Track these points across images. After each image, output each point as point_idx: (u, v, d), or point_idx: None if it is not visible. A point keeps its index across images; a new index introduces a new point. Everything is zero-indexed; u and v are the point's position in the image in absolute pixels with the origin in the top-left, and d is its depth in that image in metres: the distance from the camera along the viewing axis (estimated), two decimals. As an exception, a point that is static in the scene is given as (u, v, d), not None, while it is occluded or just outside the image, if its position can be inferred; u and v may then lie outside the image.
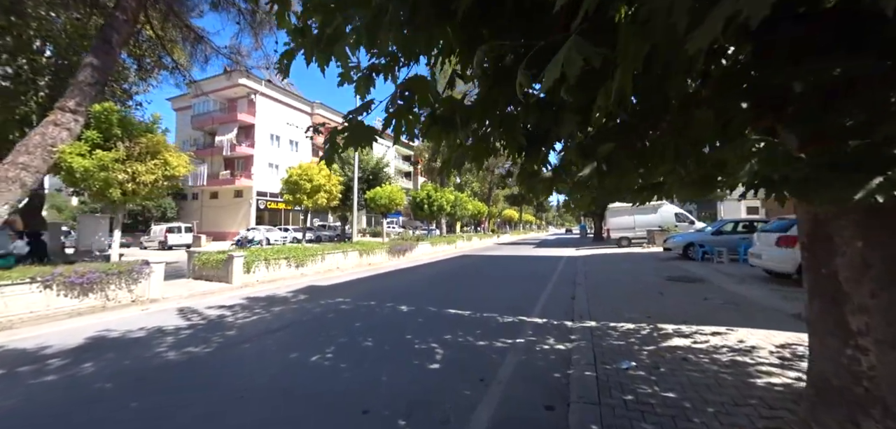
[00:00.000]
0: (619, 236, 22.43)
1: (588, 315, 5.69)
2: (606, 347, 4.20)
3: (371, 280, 10.91)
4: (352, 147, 1.95)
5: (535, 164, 2.51)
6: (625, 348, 4.12)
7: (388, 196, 19.53)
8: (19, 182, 7.22)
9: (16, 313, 6.10)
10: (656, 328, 4.87)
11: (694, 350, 3.98)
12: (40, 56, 11.18)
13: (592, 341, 4.37)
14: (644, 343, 4.27)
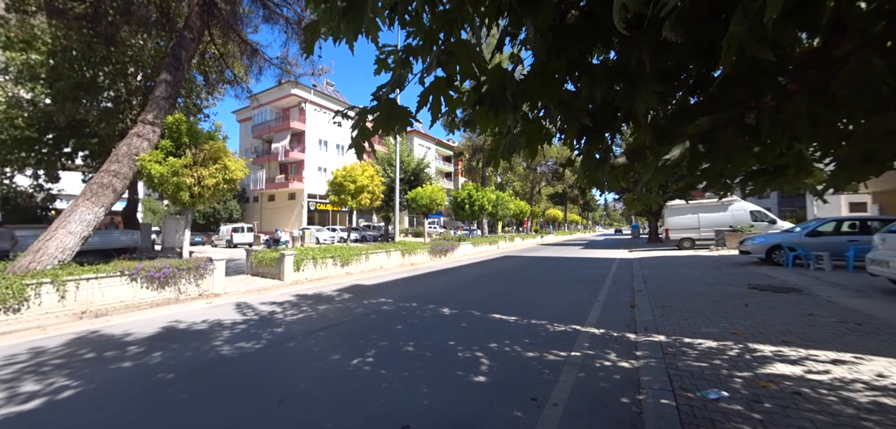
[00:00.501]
0: (680, 237, 20.06)
1: (654, 328, 4.99)
2: (684, 369, 3.57)
3: (413, 280, 10.87)
4: (385, 133, 1.71)
5: (598, 150, 2.08)
6: (709, 373, 3.45)
7: (429, 196, 19.57)
8: (112, 188, 8.17)
9: (110, 302, 6.88)
10: (747, 349, 4.06)
11: (810, 383, 3.17)
12: (133, 78, 12.75)
13: (665, 361, 3.76)
14: (734, 367, 3.55)
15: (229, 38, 12.29)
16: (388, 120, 1.66)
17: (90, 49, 10.75)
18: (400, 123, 1.69)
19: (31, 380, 3.78)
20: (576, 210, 77.17)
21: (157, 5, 11.35)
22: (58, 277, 6.33)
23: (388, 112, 1.66)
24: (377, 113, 1.65)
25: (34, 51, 10.46)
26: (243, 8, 12.00)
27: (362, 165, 16.45)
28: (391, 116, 1.66)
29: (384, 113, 1.65)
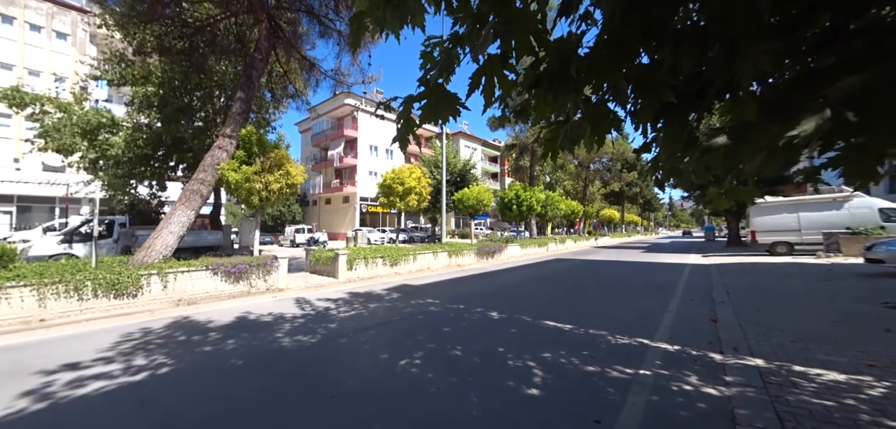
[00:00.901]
0: (772, 241, 16.72)
1: (747, 349, 4.33)
2: (798, 406, 2.92)
3: (460, 282, 10.83)
4: (432, 121, 1.63)
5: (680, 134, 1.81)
6: (840, 416, 2.75)
7: (475, 197, 19.44)
8: (199, 194, 9.34)
9: (199, 292, 7.84)
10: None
11: None
12: (218, 100, 14.51)
13: (768, 392, 3.14)
14: (884, 415, 2.75)
15: (291, 56, 13.41)
16: (436, 108, 1.58)
17: (187, 78, 12.48)
18: (448, 110, 1.61)
19: (141, 355, 4.41)
20: (634, 210, 71.20)
21: (235, 34, 12.79)
22: (162, 269, 7.38)
23: (436, 99, 1.58)
24: (424, 101, 1.58)
25: (150, 84, 12.42)
26: (303, 27, 13.01)
27: (410, 168, 16.88)
28: (439, 103, 1.58)
29: (432, 100, 1.58)
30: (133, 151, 12.76)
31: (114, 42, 12.73)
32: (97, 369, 4.03)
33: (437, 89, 1.60)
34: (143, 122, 13.54)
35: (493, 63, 1.56)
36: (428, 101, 1.59)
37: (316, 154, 42.11)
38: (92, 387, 3.58)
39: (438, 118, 1.63)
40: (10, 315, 5.75)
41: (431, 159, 25.16)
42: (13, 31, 23.63)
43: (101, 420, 3.03)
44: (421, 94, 1.61)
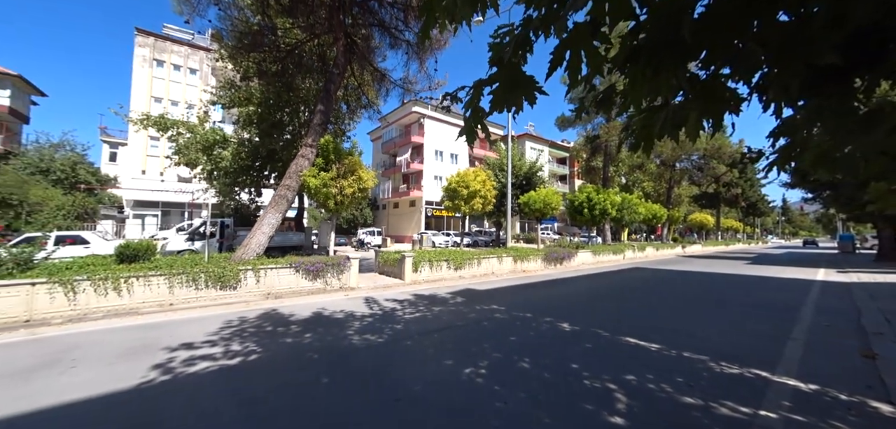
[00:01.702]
0: None
1: None
2: None
3: (526, 289, 10.30)
4: (505, 109, 1.42)
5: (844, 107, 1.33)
6: None
7: (542, 200, 18.48)
8: (285, 198, 10.48)
9: (284, 288, 8.77)
10: None
11: None
12: (303, 114, 16.33)
13: None
14: None
15: (364, 69, 14.38)
16: (511, 91, 1.37)
17: (279, 96, 14.28)
18: (524, 94, 1.38)
19: (237, 341, 5.01)
20: (733, 215, 60.61)
21: (318, 54, 14.20)
22: (256, 265, 8.42)
23: (509, 82, 1.36)
24: (495, 84, 1.38)
25: (251, 104, 14.53)
26: (375, 41, 13.86)
27: (475, 171, 16.76)
28: (514, 86, 1.36)
29: (505, 84, 1.37)
30: (237, 162, 14.97)
31: (227, 72, 15.16)
32: (205, 350, 4.67)
33: (510, 70, 1.38)
34: (245, 137, 15.81)
35: (581, 33, 1.29)
36: (500, 86, 1.39)
37: (385, 161, 44.78)
38: (200, 366, 4.15)
39: (512, 105, 1.42)
40: (151, 298, 7.10)
41: (496, 162, 24.75)
42: (163, 71, 29.86)
43: (204, 396, 3.46)
44: (492, 77, 1.42)
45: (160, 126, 15.33)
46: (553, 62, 1.33)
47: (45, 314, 6.11)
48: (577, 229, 42.94)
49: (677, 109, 1.52)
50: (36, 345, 4.94)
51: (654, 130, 1.59)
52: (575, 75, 1.34)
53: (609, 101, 1.89)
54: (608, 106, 1.97)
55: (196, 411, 3.12)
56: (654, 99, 1.61)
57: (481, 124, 1.63)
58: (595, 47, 1.32)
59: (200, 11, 10.68)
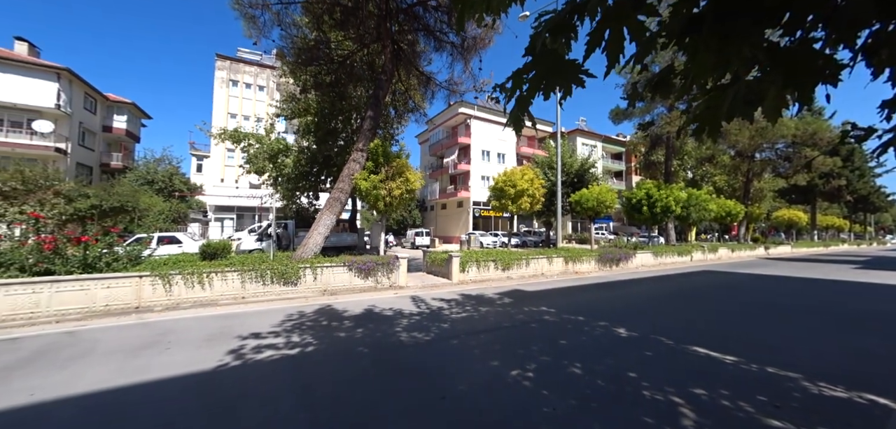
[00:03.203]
0: None
1: None
2: None
3: (578, 291, 9.75)
4: (544, 95, 1.32)
5: None
6: None
7: (595, 198, 17.38)
8: (339, 201, 11.15)
9: (338, 285, 9.33)
10: None
11: None
12: (354, 121, 17.31)
13: None
14: None
15: (411, 74, 14.77)
16: (548, 78, 1.27)
17: (333, 106, 15.29)
18: (564, 79, 1.27)
19: (297, 334, 5.42)
20: (834, 211, 51.32)
21: (367, 63, 14.93)
22: (313, 264, 9.07)
23: (546, 67, 1.27)
24: (532, 72, 1.29)
25: (309, 114, 15.77)
26: (420, 46, 14.16)
27: (522, 170, 16.32)
28: (551, 71, 1.26)
29: (541, 70, 1.27)
30: (298, 168, 16.29)
31: (288, 86, 16.60)
32: (270, 340, 5.13)
33: (548, 56, 1.29)
34: (304, 145, 17.14)
35: (621, 8, 1.15)
36: (537, 73, 1.30)
37: (433, 163, 45.60)
38: (266, 354, 4.56)
39: (551, 91, 1.32)
40: (227, 291, 8.00)
41: (545, 160, 23.83)
42: (237, 90, 33.66)
43: (268, 381, 3.78)
44: (528, 66, 1.33)
45: (234, 139, 17.26)
46: (590, 44, 1.20)
47: (149, 302, 7.20)
48: (636, 229, 39.70)
49: (752, 85, 1.29)
50: (142, 328, 5.83)
51: (720, 111, 1.36)
52: (615, 56, 1.19)
53: (666, 83, 1.67)
54: (665, 90, 1.74)
55: (260, 394, 3.42)
56: (721, 76, 1.39)
57: (528, 113, 1.54)
58: (640, 22, 1.16)
59: (266, 33, 11.80)
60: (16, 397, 3.40)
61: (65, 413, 3.12)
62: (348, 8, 12.05)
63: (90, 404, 3.28)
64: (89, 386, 3.63)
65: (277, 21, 12.00)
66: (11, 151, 23.64)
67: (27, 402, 3.32)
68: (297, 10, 12.45)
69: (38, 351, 4.70)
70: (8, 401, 3.31)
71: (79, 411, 3.17)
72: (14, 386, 3.64)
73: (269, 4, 11.36)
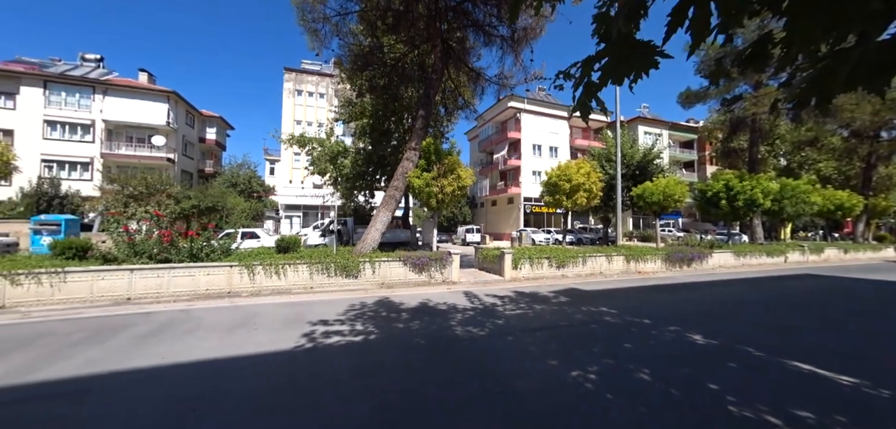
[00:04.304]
0: None
1: None
2: None
3: (642, 292, 9.02)
4: (617, 82, 1.25)
5: None
6: None
7: (661, 192, 15.82)
8: (394, 198, 11.66)
9: (394, 279, 9.79)
10: None
11: None
12: (406, 121, 17.95)
13: None
14: None
15: (460, 71, 14.85)
16: (622, 64, 1.20)
17: (387, 107, 16.01)
18: (639, 65, 1.20)
19: (359, 322, 5.82)
20: None
21: (418, 64, 15.35)
22: (371, 258, 9.62)
23: (619, 53, 1.20)
24: (605, 58, 1.23)
25: (365, 117, 16.73)
26: (469, 42, 14.16)
27: (577, 163, 15.50)
28: (625, 57, 1.19)
29: (614, 57, 1.20)
30: (355, 169, 17.33)
31: (345, 92, 17.73)
32: (336, 327, 5.58)
33: (622, 41, 1.22)
34: (361, 146, 18.18)
35: None
36: (610, 60, 1.24)
37: (482, 159, 45.38)
38: (333, 339, 4.98)
39: (624, 76, 1.24)
40: (298, 282, 8.85)
41: (602, 152, 22.30)
42: (301, 98, 36.83)
43: (336, 363, 4.12)
44: (600, 53, 1.27)
45: (300, 143, 18.92)
46: (672, 24, 1.10)
47: (238, 288, 8.26)
48: (711, 225, 35.40)
49: (881, 48, 1.09)
50: (234, 310, 6.72)
51: (835, 82, 1.16)
52: (702, 33, 1.07)
53: (761, 56, 1.46)
54: (760, 63, 1.52)
55: (331, 374, 3.76)
56: (839, 40, 1.18)
57: (596, 98, 1.47)
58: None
59: (326, 43, 12.75)
60: (152, 359, 4.19)
61: (186, 374, 3.75)
62: (399, 12, 12.49)
63: (203, 370, 3.90)
64: (201, 355, 4.32)
65: (336, 31, 12.86)
66: (137, 162, 28.76)
67: (160, 363, 4.07)
68: (353, 20, 13.22)
69: (163, 324, 5.69)
70: (148, 362, 4.09)
71: (195, 373, 3.79)
72: (150, 350, 4.47)
73: (329, 17, 12.22)
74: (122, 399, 3.25)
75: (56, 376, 3.74)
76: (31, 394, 3.40)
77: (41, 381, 3.65)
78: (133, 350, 4.51)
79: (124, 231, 8.21)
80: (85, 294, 7.21)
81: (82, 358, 4.24)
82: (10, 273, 6.84)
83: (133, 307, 6.90)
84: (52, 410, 3.06)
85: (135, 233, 8.30)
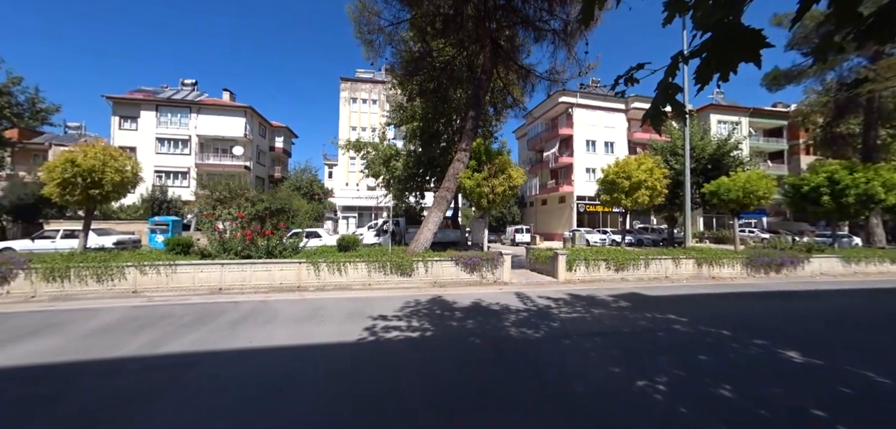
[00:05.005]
0: None
1: None
2: None
3: (717, 300, 8.12)
4: (721, 77, 1.13)
5: None
6: None
7: (741, 187, 13.99)
8: (445, 199, 11.89)
9: (445, 278, 10.00)
10: None
11: None
12: (454, 123, 18.20)
13: None
14: None
15: (509, 69, 14.65)
16: (726, 55, 1.07)
17: (436, 110, 16.40)
18: (744, 54, 1.08)
19: (415, 319, 6.06)
20: None
21: (466, 65, 15.47)
22: (424, 257, 9.94)
23: (723, 43, 1.07)
24: (704, 54, 1.11)
25: (415, 120, 17.32)
26: (519, 39, 13.90)
27: (638, 158, 14.38)
28: (729, 47, 1.07)
29: (716, 50, 1.08)
30: (406, 171, 17.99)
31: (396, 97, 18.49)
32: (394, 322, 5.88)
33: (724, 30, 1.07)
34: (411, 149, 18.81)
35: None
36: (710, 55, 1.10)
37: (531, 157, 44.17)
38: (392, 334, 5.26)
39: (729, 70, 1.13)
40: (357, 278, 9.46)
41: (666, 146, 20.33)
42: (356, 106, 39.12)
43: (397, 355, 4.36)
44: (704, 45, 1.12)
45: (355, 148, 20.13)
46: (805, 3, 0.97)
47: (305, 283, 9.09)
48: (808, 226, 30.46)
49: None
50: (303, 303, 7.42)
51: None
52: (851, 5, 0.92)
53: (892, 16, 1.20)
54: (890, 32, 1.27)
55: (394, 365, 3.99)
56: None
57: (672, 103, 1.39)
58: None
59: (380, 52, 13.42)
60: (243, 342, 4.84)
61: (271, 358, 4.27)
62: (448, 15, 12.68)
63: (284, 356, 4.40)
64: (280, 341, 4.87)
65: (389, 40, 13.46)
66: (221, 170, 32.99)
67: (248, 346, 4.68)
68: (404, 28, 13.74)
69: (247, 313, 6.50)
70: (240, 344, 4.73)
71: (278, 358, 4.29)
72: (240, 335, 5.16)
73: (383, 27, 12.83)
74: (223, 375, 3.80)
75: (175, 350, 4.48)
76: (158, 363, 4.12)
77: (165, 354, 4.41)
78: (228, 333, 5.23)
79: (216, 231, 9.49)
80: (189, 283, 8.49)
81: (192, 337, 5.02)
82: (140, 264, 8.37)
83: (224, 297, 7.96)
84: (173, 376, 3.69)
85: (223, 232, 9.56)
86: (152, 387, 3.49)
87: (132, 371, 3.91)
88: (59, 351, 4.53)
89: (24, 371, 3.93)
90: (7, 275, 7.85)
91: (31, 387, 3.52)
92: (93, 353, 4.47)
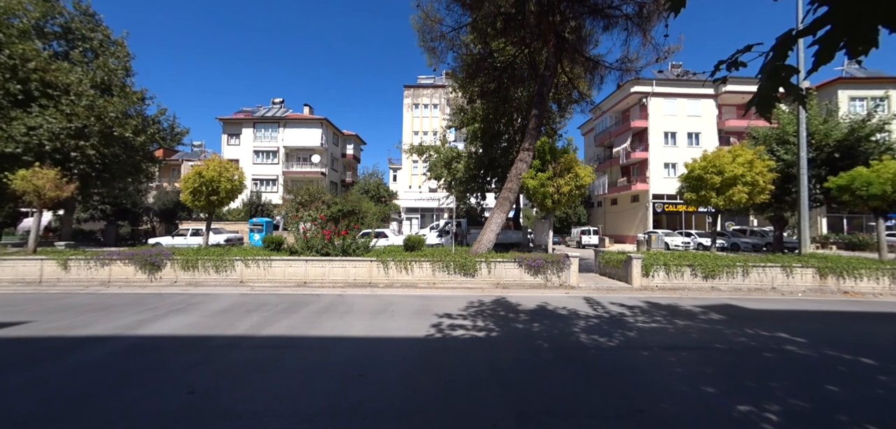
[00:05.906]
0: None
1: None
2: None
3: (849, 319, 6.66)
4: (853, 53, 0.96)
5: None
6: None
7: (891, 180, 11.15)
8: (508, 200, 11.76)
9: (508, 279, 9.88)
10: None
11: None
12: (516, 122, 17.91)
13: None
14: None
15: (575, 62, 13.89)
16: (857, 26, 0.90)
17: (497, 110, 16.32)
18: (881, 20, 0.89)
19: (480, 319, 6.13)
20: None
21: (528, 63, 15.09)
22: (487, 258, 9.96)
23: (852, 14, 0.89)
24: (827, 27, 0.95)
25: (476, 122, 17.46)
26: (585, 29, 13.11)
27: (733, 150, 12.46)
28: (860, 16, 0.89)
29: (845, 20, 0.90)
30: (468, 172, 18.18)
31: (457, 100, 18.81)
32: (459, 321, 6.01)
33: None
34: (472, 150, 18.96)
35: None
36: (835, 25, 0.92)
37: (599, 154, 41.17)
38: (458, 332, 5.38)
39: (861, 45, 0.95)
40: (423, 277, 9.86)
41: (772, 133, 17.05)
42: (418, 111, 40.70)
43: (465, 355, 4.46)
44: (818, 21, 0.93)
45: (418, 152, 20.96)
46: None
47: (376, 280, 9.78)
48: None
49: None
50: (375, 298, 8.00)
51: None
52: None
53: None
54: None
55: (462, 361, 4.09)
56: None
57: (786, 86, 1.21)
58: None
59: (442, 58, 13.81)
60: (326, 330, 5.43)
61: (350, 346, 4.72)
62: (510, 14, 12.51)
63: (362, 345, 4.82)
64: (357, 333, 5.34)
65: (451, 46, 13.78)
66: (302, 176, 37.21)
67: (331, 334, 5.23)
68: (464, 32, 13.93)
69: (327, 305, 7.25)
70: (324, 332, 5.32)
71: (356, 346, 4.72)
72: (323, 324, 5.79)
73: (445, 34, 13.18)
74: (312, 359, 4.30)
75: (274, 333, 5.22)
76: (263, 342, 4.85)
77: (265, 335, 5.17)
78: (313, 322, 5.90)
79: (302, 231, 10.76)
80: (281, 276, 9.77)
81: (286, 322, 5.79)
82: (245, 259, 9.91)
83: (308, 289, 8.97)
84: (275, 356, 4.30)
85: (306, 231, 10.80)
86: (262, 362, 4.12)
87: (246, 347, 4.67)
88: (197, 326, 5.60)
89: (179, 340, 4.98)
90: (160, 264, 10.00)
91: (185, 353, 4.43)
92: (217, 330, 5.43)
